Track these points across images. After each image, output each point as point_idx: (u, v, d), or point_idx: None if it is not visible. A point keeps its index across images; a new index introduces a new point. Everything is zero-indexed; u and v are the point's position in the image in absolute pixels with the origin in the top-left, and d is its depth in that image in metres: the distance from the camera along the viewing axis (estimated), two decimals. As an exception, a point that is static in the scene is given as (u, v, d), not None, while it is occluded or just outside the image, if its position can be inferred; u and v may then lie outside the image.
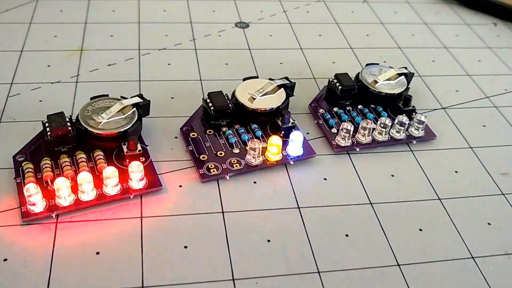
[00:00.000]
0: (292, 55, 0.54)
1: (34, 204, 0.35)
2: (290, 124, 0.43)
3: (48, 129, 0.39)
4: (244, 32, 0.56)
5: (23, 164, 0.38)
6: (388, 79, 0.47)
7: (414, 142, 0.44)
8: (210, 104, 0.43)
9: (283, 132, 0.43)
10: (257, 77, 0.46)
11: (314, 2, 0.63)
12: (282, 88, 0.45)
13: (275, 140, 0.40)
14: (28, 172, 0.37)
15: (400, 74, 0.48)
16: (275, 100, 0.44)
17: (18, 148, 0.39)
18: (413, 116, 0.45)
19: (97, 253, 0.34)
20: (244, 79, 0.46)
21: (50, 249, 0.34)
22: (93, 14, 0.56)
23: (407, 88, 0.47)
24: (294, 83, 0.45)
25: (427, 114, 0.47)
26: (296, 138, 0.40)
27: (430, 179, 0.42)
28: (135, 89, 0.47)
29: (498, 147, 0.45)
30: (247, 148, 0.40)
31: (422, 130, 0.44)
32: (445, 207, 0.39)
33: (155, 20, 0.56)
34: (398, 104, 0.46)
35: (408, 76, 0.48)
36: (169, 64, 0.50)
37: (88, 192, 0.36)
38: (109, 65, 0.49)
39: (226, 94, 0.44)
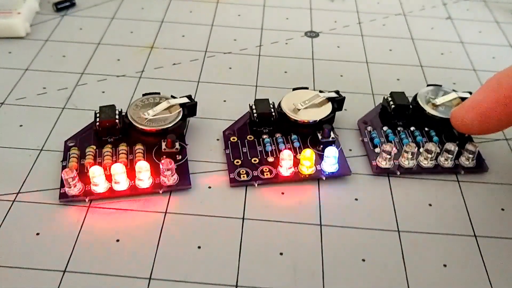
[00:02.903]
0: (355, 68, 0.52)
1: (70, 187, 0.38)
2: (330, 139, 0.42)
3: (98, 119, 0.42)
4: (312, 42, 0.56)
5: (71, 149, 0.41)
6: (450, 103, 0.45)
7: (462, 172, 0.42)
8: (254, 111, 0.44)
9: (321, 146, 0.42)
10: (307, 88, 0.46)
11: (393, 15, 0.61)
12: (330, 102, 0.44)
13: (307, 153, 0.40)
14: (73, 157, 0.40)
15: (462, 99, 0.45)
16: (320, 113, 0.43)
17: (73, 133, 0.43)
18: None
19: (117, 240, 0.36)
20: (294, 89, 0.46)
21: (77, 230, 0.36)
22: (171, 14, 0.59)
23: (467, 114, 0.44)
24: (344, 97, 0.45)
25: (486, 145, 0.45)
26: (330, 154, 0.40)
27: (470, 213, 0.39)
28: (192, 89, 0.49)
29: (561, 188, 0.41)
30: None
31: (472, 160, 0.42)
32: (479, 245, 0.37)
33: (228, 24, 0.58)
34: (453, 130, 0.44)
35: (471, 102, 0.45)
36: (230, 68, 0.52)
37: (121, 183, 0.38)
38: (174, 64, 0.52)
39: (273, 102, 0.44)
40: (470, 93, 0.46)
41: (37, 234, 0.36)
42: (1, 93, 0.47)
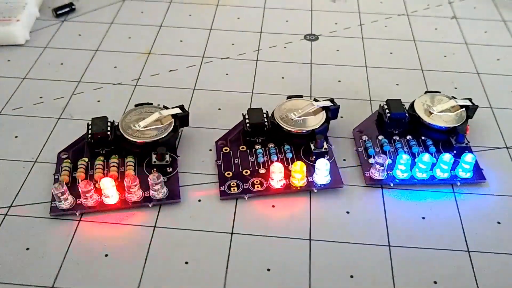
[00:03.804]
0: (354, 73, 0.52)
1: (61, 201, 0.38)
2: (323, 150, 0.42)
3: (90, 131, 0.42)
4: (311, 45, 0.55)
5: (63, 162, 0.41)
6: (448, 111, 0.44)
7: (458, 184, 0.41)
8: (247, 120, 0.43)
9: (314, 157, 0.42)
10: (301, 96, 0.45)
11: (396, 15, 0.60)
12: (324, 111, 0.44)
13: (298, 166, 0.39)
14: (65, 170, 0.40)
15: (461, 106, 0.44)
16: (313, 122, 0.43)
17: (67, 144, 0.43)
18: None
19: (106, 255, 0.36)
20: (288, 97, 0.45)
21: (67, 245, 0.36)
22: (170, 17, 0.59)
23: (465, 123, 0.43)
24: (338, 105, 0.44)
25: (486, 153, 0.43)
26: (321, 167, 0.39)
27: (465, 227, 0.38)
28: (187, 97, 0.48)
29: (561, 200, 0.40)
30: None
31: (469, 171, 0.41)
32: (472, 260, 0.36)
33: (227, 28, 0.58)
34: (450, 140, 0.43)
35: (470, 110, 0.44)
36: (226, 74, 0.51)
37: (111, 196, 0.38)
38: (170, 70, 0.51)
39: (266, 111, 0.44)
40: (470, 99, 0.45)
41: (27, 249, 0.36)
42: (-2, 103, 0.48)
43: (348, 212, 0.39)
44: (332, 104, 0.44)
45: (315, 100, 0.45)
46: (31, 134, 0.45)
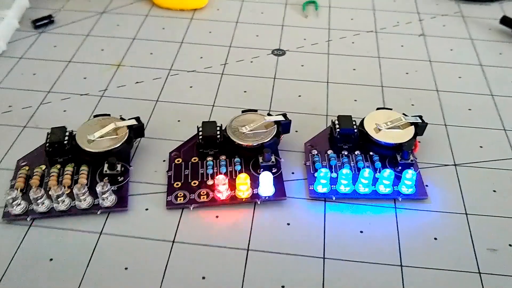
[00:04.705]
0: (314, 88, 0.53)
1: (13, 207, 0.40)
2: (270, 163, 0.43)
3: (48, 140, 0.44)
4: (277, 60, 0.57)
5: (21, 169, 0.43)
6: (397, 127, 0.45)
7: (400, 199, 0.42)
8: (200, 132, 0.45)
9: (262, 170, 0.43)
10: (256, 111, 0.47)
11: (364, 32, 0.61)
12: (276, 125, 0.45)
13: (241, 179, 0.40)
14: (20, 177, 0.42)
15: (411, 123, 0.45)
16: (264, 136, 0.44)
17: (29, 152, 0.45)
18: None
19: (51, 259, 0.38)
20: (243, 112, 0.46)
21: (15, 250, 0.38)
22: (144, 30, 0.61)
23: (412, 140, 0.44)
24: (290, 120, 0.45)
25: (434, 170, 0.44)
26: (263, 179, 0.41)
27: (401, 242, 0.39)
28: (149, 108, 0.50)
29: (500, 218, 0.41)
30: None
31: (411, 187, 0.42)
32: (403, 275, 0.37)
33: (198, 41, 0.59)
34: (396, 156, 0.44)
35: (419, 127, 0.45)
36: (190, 87, 0.53)
37: (61, 203, 0.40)
38: (137, 82, 0.53)
39: (221, 124, 0.45)
40: (420, 117, 0.46)
41: (-23, 252, 0.38)
42: (-32, 111, 0.50)
43: (288, 224, 0.40)
44: (284, 119, 0.45)
45: (269, 114, 0.46)
46: (-4, 141, 0.47)
